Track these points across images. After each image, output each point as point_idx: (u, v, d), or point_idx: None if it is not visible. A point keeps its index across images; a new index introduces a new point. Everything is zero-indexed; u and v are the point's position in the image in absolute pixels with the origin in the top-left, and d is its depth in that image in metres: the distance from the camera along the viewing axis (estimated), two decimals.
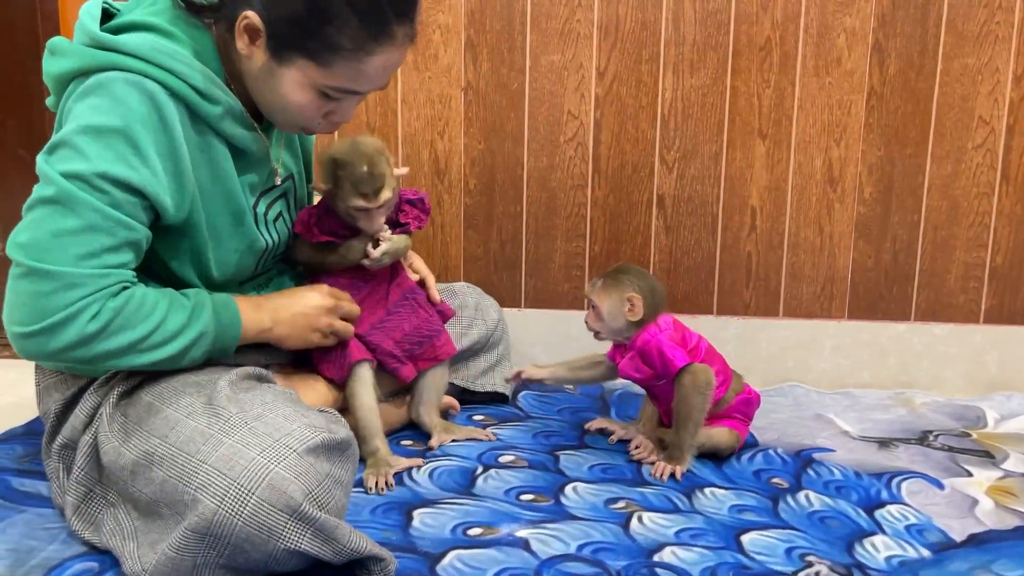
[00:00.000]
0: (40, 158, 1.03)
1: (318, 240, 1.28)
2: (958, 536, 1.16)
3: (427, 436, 1.42)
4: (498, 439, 1.43)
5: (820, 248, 1.76)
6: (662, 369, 1.32)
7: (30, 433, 1.39)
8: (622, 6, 1.70)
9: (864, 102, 1.71)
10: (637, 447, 1.39)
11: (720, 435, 1.36)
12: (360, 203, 1.23)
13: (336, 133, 1.66)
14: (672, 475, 1.31)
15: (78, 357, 1.02)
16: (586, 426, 1.49)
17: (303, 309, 1.23)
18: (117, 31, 1.08)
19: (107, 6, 1.13)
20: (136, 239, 1.05)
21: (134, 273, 1.07)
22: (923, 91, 1.70)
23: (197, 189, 1.11)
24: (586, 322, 1.38)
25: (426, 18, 1.72)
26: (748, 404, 1.40)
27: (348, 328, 1.28)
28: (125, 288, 1.05)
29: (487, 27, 1.72)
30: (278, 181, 1.26)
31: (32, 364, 1.23)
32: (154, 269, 1.15)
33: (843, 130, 1.72)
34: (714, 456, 1.38)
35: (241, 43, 1.09)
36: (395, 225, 1.32)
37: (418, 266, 1.44)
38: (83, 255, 1.00)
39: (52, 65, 1.08)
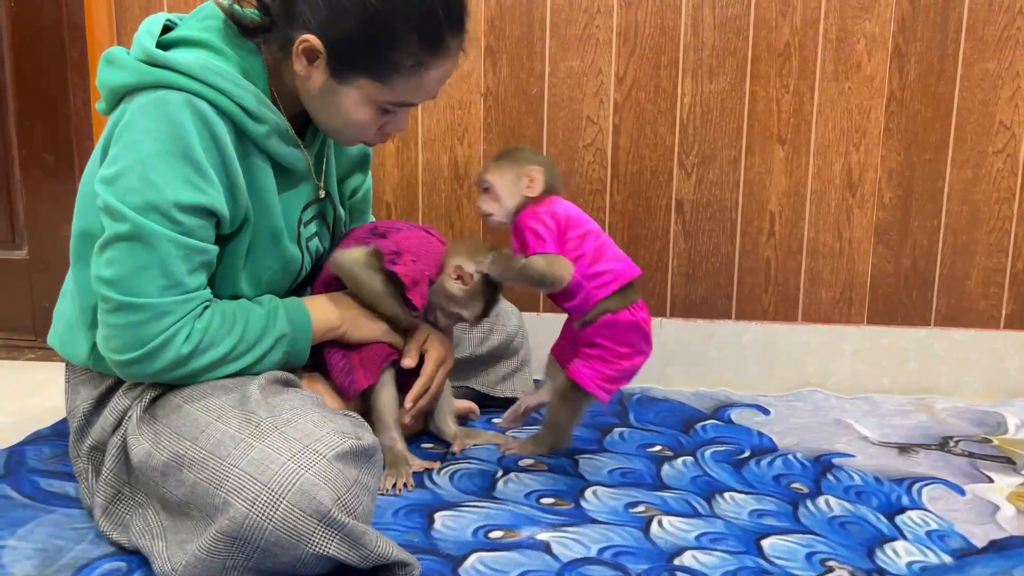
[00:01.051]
0: (103, 190, 1.05)
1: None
2: (979, 542, 1.16)
3: (445, 440, 1.43)
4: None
5: (839, 253, 1.76)
6: (520, 245, 1.22)
7: (57, 434, 1.41)
8: (641, 12, 1.71)
9: (884, 107, 1.71)
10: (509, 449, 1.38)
11: (557, 383, 1.28)
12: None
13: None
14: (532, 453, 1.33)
15: (177, 376, 1.09)
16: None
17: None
18: (172, 45, 1.10)
19: (168, 22, 1.15)
20: (209, 260, 1.10)
21: (210, 290, 1.11)
22: (943, 96, 1.70)
23: (248, 205, 1.13)
24: (479, 207, 1.28)
25: None
26: (611, 328, 1.22)
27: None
28: (207, 307, 1.10)
29: (506, 33, 1.73)
30: (321, 194, 1.27)
31: (62, 366, 1.25)
32: None
33: (862, 135, 1.72)
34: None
35: (299, 65, 1.10)
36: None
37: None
38: (166, 286, 1.05)
39: (108, 76, 1.10)
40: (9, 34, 1.82)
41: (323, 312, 1.23)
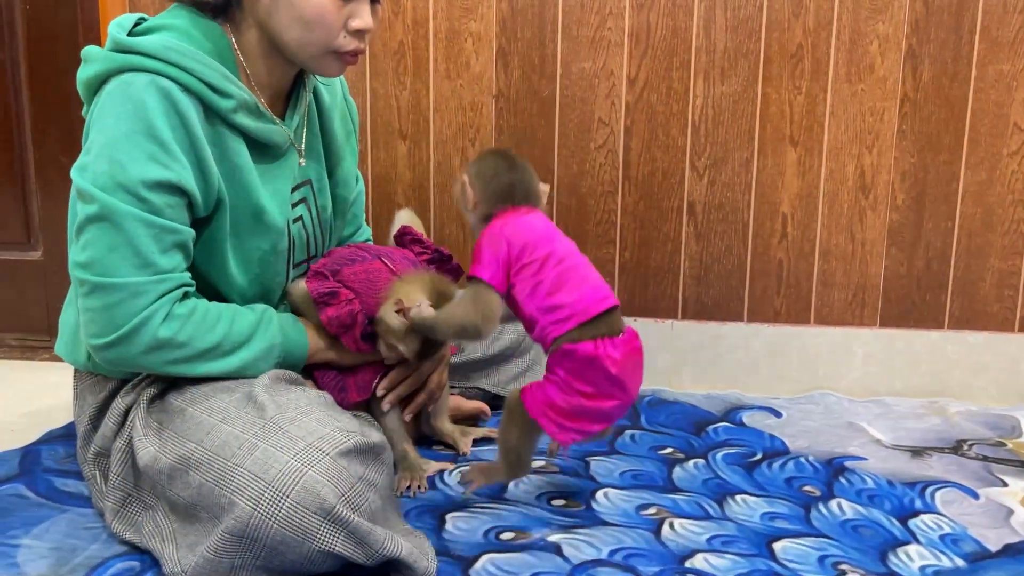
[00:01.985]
0: (75, 174, 1.07)
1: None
2: (993, 546, 1.15)
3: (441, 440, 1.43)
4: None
5: (852, 255, 1.76)
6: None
7: (70, 435, 1.42)
8: (653, 14, 1.71)
9: (897, 109, 1.70)
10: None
11: (507, 399, 1.14)
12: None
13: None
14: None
15: (157, 363, 1.08)
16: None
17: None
18: (141, 34, 1.12)
19: (143, 18, 1.17)
20: (182, 240, 1.09)
21: (189, 274, 1.11)
22: (957, 97, 1.69)
23: (220, 183, 1.13)
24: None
25: (457, 26, 1.73)
26: (569, 359, 1.08)
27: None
28: (187, 295, 1.10)
29: (518, 35, 1.73)
30: (302, 162, 1.26)
31: (71, 367, 1.26)
32: None
33: (875, 137, 1.71)
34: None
35: None
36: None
37: None
38: (138, 265, 1.05)
39: (82, 72, 1.12)
40: (24, 36, 1.83)
41: (315, 331, 1.22)
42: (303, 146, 1.27)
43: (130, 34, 1.12)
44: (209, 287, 1.17)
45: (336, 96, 1.36)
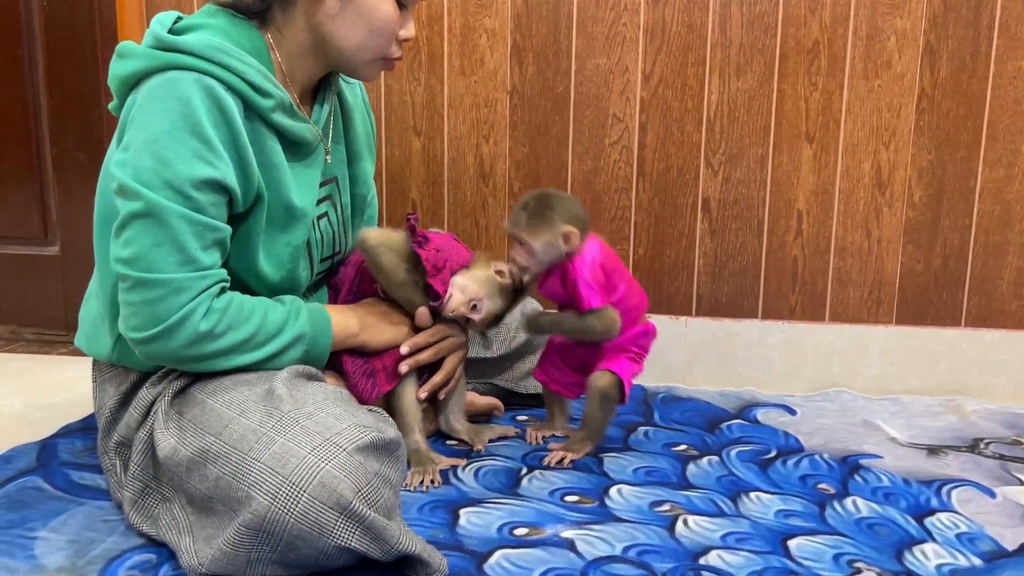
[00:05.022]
0: (117, 170, 1.07)
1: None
2: (1010, 545, 1.14)
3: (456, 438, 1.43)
4: (544, 441, 1.44)
5: (868, 252, 1.75)
6: (575, 300, 1.31)
7: (86, 428, 1.43)
8: (668, 9, 1.70)
9: (914, 105, 1.69)
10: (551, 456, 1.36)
11: (599, 383, 1.34)
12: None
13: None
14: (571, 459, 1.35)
15: (194, 356, 1.09)
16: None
17: (387, 308, 1.29)
18: (180, 33, 1.14)
19: (180, 17, 1.19)
20: (222, 238, 1.11)
21: (226, 271, 1.12)
22: (975, 94, 1.68)
23: (260, 179, 1.15)
24: (514, 259, 1.31)
25: (472, 22, 1.73)
26: (645, 336, 1.39)
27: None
28: (224, 290, 1.11)
29: (533, 31, 1.73)
30: (328, 159, 1.29)
31: (89, 361, 1.27)
32: None
33: (892, 133, 1.70)
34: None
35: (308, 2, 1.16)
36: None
37: None
38: (181, 261, 1.06)
39: (119, 67, 1.13)
40: (42, 34, 1.84)
41: (343, 318, 1.24)
42: (330, 144, 1.30)
43: (171, 31, 1.13)
44: (238, 281, 1.18)
45: (356, 97, 1.40)
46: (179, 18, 1.18)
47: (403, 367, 1.29)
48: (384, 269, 1.26)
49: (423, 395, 1.32)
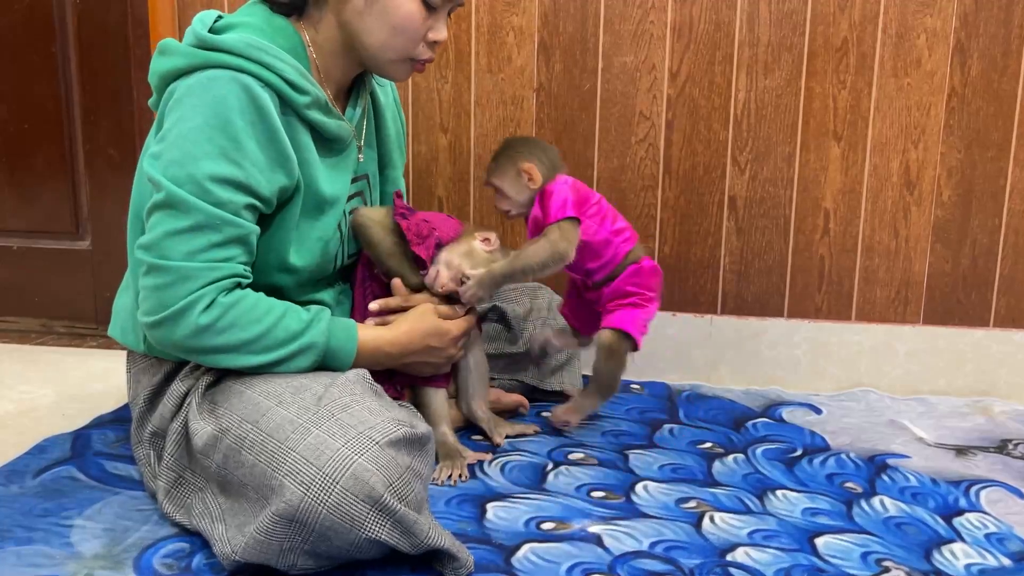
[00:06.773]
0: (148, 161, 1.11)
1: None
2: None
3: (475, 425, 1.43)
4: (568, 436, 1.45)
5: (895, 252, 1.74)
6: (543, 214, 1.33)
7: (119, 420, 1.46)
8: (696, 7, 1.70)
9: (944, 104, 1.68)
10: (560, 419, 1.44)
11: (603, 340, 1.36)
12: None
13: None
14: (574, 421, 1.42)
15: (197, 348, 1.10)
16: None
17: (433, 330, 1.27)
18: (220, 32, 1.16)
19: (221, 16, 1.21)
20: (242, 235, 1.11)
21: (246, 268, 1.13)
22: (1006, 92, 1.66)
23: (299, 172, 1.16)
24: (496, 206, 1.41)
25: (500, 20, 1.74)
26: (638, 275, 1.38)
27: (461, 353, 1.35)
28: (238, 286, 1.11)
29: (560, 29, 1.73)
30: (361, 158, 1.31)
31: (123, 354, 1.30)
32: None
33: (922, 132, 1.69)
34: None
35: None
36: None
37: None
38: (193, 251, 1.08)
39: (160, 64, 1.15)
40: (75, 32, 1.87)
41: (375, 335, 1.22)
42: (362, 142, 1.32)
43: (210, 31, 1.16)
44: (266, 276, 1.19)
45: (388, 97, 1.42)
46: (219, 17, 1.20)
47: (370, 320, 1.28)
48: (372, 242, 1.29)
49: (375, 306, 1.28)
